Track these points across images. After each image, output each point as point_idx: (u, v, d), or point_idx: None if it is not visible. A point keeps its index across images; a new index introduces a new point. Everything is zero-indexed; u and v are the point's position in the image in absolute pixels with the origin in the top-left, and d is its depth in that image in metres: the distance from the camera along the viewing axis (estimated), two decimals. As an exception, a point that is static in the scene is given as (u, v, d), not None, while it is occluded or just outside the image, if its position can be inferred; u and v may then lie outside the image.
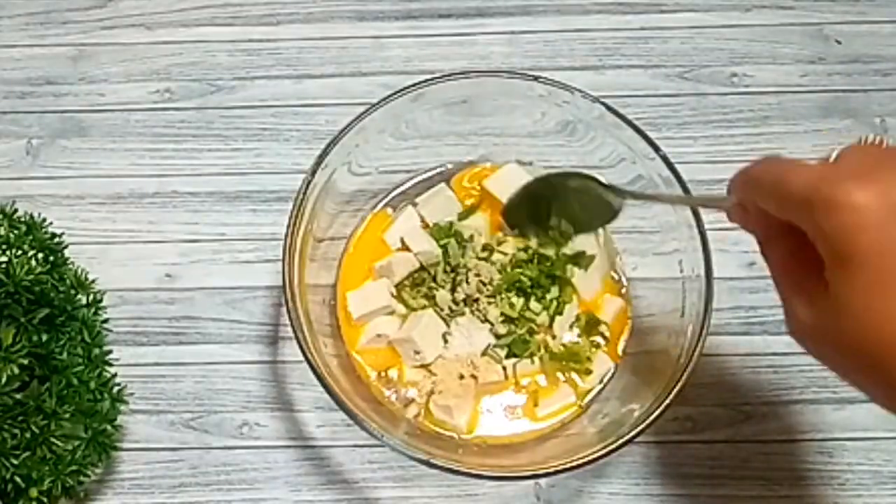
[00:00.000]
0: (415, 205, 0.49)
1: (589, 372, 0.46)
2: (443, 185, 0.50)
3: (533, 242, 0.48)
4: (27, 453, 0.40)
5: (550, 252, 0.47)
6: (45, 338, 0.41)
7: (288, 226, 0.43)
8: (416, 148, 0.49)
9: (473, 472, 0.39)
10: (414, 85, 0.46)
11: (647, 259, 0.47)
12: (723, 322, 0.50)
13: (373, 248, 0.49)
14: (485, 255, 0.48)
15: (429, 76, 0.46)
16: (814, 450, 0.47)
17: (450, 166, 0.51)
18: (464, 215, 0.49)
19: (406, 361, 0.46)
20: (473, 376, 0.45)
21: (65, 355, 0.42)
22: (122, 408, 0.44)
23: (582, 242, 0.48)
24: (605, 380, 0.46)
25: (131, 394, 0.46)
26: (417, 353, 0.45)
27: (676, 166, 0.43)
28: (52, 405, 0.40)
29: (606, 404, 0.45)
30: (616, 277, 0.49)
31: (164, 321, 0.50)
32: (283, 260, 0.42)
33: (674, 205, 0.44)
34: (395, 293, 0.47)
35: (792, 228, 0.31)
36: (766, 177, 0.32)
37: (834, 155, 0.30)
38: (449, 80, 0.46)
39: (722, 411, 0.48)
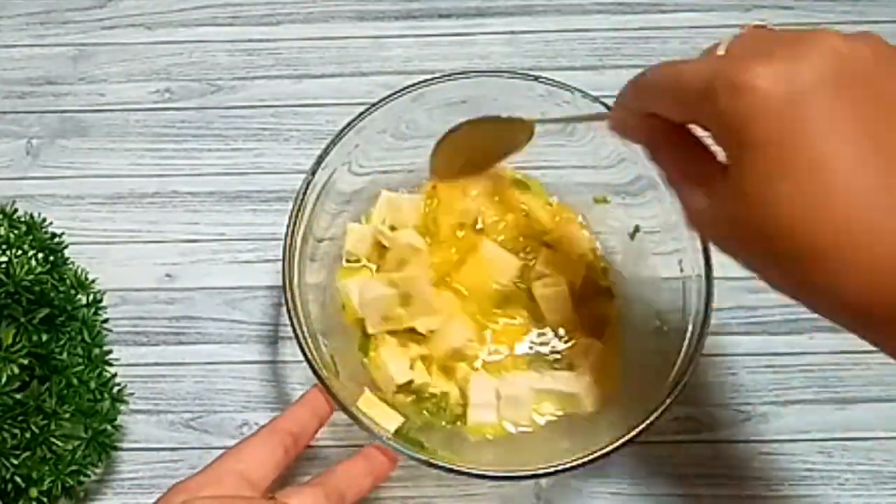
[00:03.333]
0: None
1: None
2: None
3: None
4: (27, 453, 0.40)
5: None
6: (45, 338, 0.41)
7: (288, 226, 0.43)
8: (416, 148, 0.48)
9: (473, 472, 0.39)
10: (414, 85, 0.46)
11: (648, 259, 0.47)
12: (723, 322, 0.50)
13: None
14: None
15: (429, 76, 0.46)
16: (814, 450, 0.47)
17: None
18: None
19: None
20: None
21: (65, 355, 0.42)
22: (122, 408, 0.44)
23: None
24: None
25: (131, 394, 0.46)
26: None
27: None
28: (52, 405, 0.40)
29: (606, 405, 0.45)
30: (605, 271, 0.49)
31: (164, 321, 0.50)
32: (283, 260, 0.42)
33: (567, 123, 0.46)
34: None
35: (682, 129, 0.32)
36: (662, 78, 0.32)
37: (723, 46, 0.30)
38: (449, 80, 0.46)
39: (722, 411, 0.48)
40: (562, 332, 0.47)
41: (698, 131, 0.33)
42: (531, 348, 0.46)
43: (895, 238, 0.26)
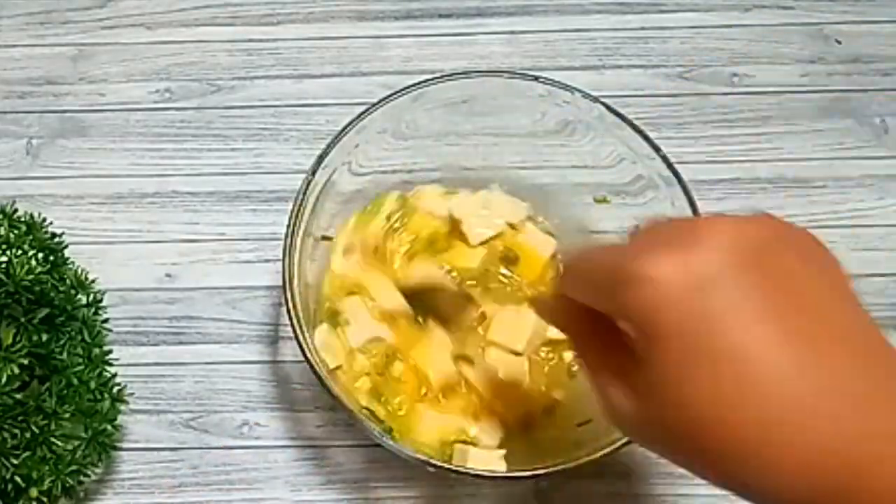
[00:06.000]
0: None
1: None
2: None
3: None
4: (27, 453, 0.40)
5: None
6: (45, 338, 0.41)
7: (288, 226, 0.43)
8: (416, 148, 0.48)
9: (473, 472, 0.39)
10: (414, 85, 0.46)
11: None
12: (723, 322, 0.50)
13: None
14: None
15: (429, 76, 0.46)
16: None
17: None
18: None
19: None
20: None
21: (65, 355, 0.42)
22: (122, 408, 0.44)
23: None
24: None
25: (131, 394, 0.46)
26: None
27: (676, 166, 0.43)
28: (52, 405, 0.40)
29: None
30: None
31: (164, 321, 0.50)
32: (283, 260, 0.42)
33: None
34: None
35: (602, 319, 0.30)
36: (578, 266, 0.31)
37: (634, 231, 0.30)
38: (449, 80, 0.46)
39: (722, 411, 0.48)
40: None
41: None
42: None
43: (820, 428, 0.24)
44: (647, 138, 0.44)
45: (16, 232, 0.43)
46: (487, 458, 0.42)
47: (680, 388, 0.26)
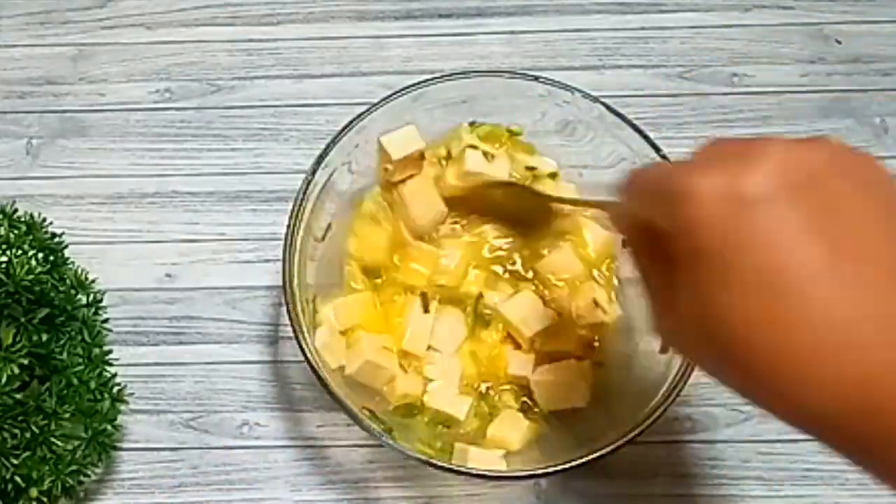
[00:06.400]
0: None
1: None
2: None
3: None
4: (27, 453, 0.40)
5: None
6: (45, 338, 0.41)
7: (288, 226, 0.43)
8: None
9: (473, 472, 0.39)
10: (414, 85, 0.46)
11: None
12: (723, 322, 0.50)
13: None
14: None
15: (429, 76, 0.46)
16: (813, 450, 0.47)
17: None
18: None
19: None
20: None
21: (65, 355, 0.42)
22: (122, 408, 0.44)
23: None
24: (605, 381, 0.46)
25: (131, 394, 0.46)
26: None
27: (676, 166, 0.43)
28: (52, 405, 0.40)
29: (606, 405, 0.45)
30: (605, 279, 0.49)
31: (164, 321, 0.50)
32: (283, 260, 0.42)
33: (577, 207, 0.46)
34: None
35: (654, 232, 0.31)
36: (638, 177, 0.32)
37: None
38: (449, 80, 0.46)
39: (722, 411, 0.48)
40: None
41: None
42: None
43: (859, 350, 0.25)
44: (647, 138, 0.44)
45: (16, 232, 0.43)
46: (487, 458, 0.42)
47: (717, 299, 0.27)
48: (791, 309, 0.25)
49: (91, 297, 0.45)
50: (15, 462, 0.40)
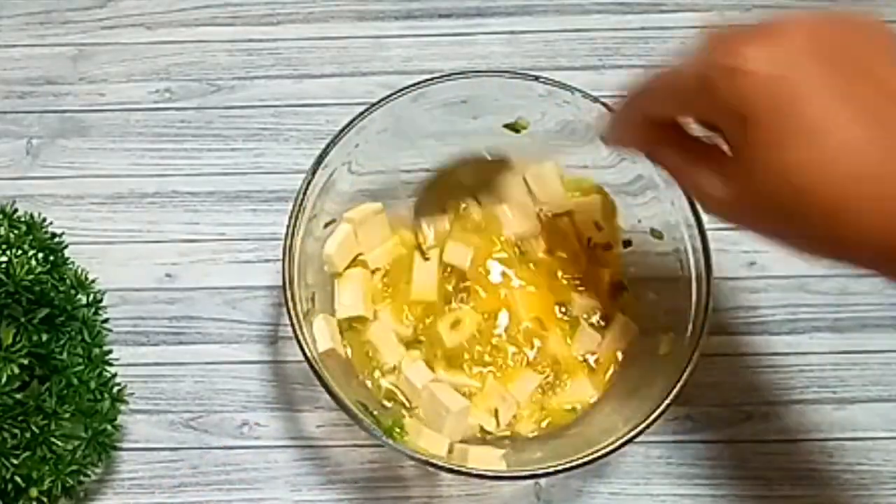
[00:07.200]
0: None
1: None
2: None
3: None
4: (27, 453, 0.40)
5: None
6: (45, 338, 0.41)
7: (288, 226, 0.43)
8: (416, 148, 0.48)
9: (473, 471, 0.39)
10: (414, 85, 0.46)
11: (648, 259, 0.47)
12: (723, 322, 0.50)
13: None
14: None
15: (429, 76, 0.46)
16: (814, 450, 0.47)
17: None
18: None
19: None
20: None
21: (65, 355, 0.42)
22: (122, 408, 0.44)
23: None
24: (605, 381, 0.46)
25: (131, 394, 0.46)
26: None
27: (676, 166, 0.43)
28: (52, 405, 0.41)
29: (606, 404, 0.45)
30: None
31: (164, 321, 0.50)
32: (283, 260, 0.42)
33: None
34: None
35: (679, 128, 0.35)
36: (661, 79, 0.35)
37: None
38: (449, 80, 0.46)
39: (722, 411, 0.48)
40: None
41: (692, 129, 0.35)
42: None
43: (889, 187, 0.29)
44: (646, 138, 0.44)
45: (16, 232, 0.43)
46: (487, 458, 0.42)
47: (775, 160, 0.30)
48: (834, 153, 0.29)
49: (91, 297, 0.45)
50: (15, 462, 0.40)
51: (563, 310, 0.47)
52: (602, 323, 0.47)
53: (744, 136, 0.31)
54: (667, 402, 0.39)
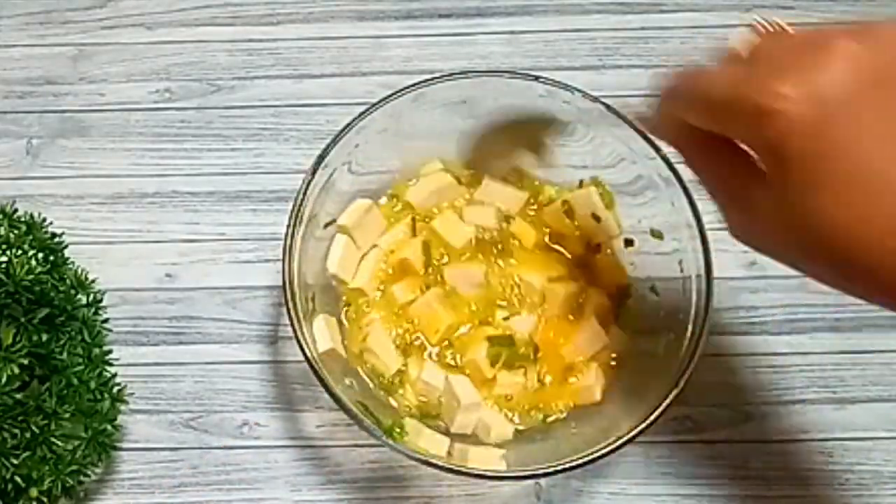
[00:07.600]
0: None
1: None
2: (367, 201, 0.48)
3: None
4: (27, 453, 0.40)
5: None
6: (45, 338, 0.41)
7: (288, 226, 0.43)
8: (416, 148, 0.48)
9: (473, 472, 0.39)
10: (414, 85, 0.46)
11: (647, 259, 0.47)
12: (723, 322, 0.50)
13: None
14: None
15: (429, 76, 0.46)
16: (814, 450, 0.47)
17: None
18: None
19: None
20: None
21: (65, 355, 0.42)
22: (122, 408, 0.44)
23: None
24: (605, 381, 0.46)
25: (131, 394, 0.46)
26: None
27: (676, 166, 0.43)
28: (52, 405, 0.40)
29: (606, 404, 0.45)
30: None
31: (164, 321, 0.50)
32: (283, 260, 0.42)
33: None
34: None
35: (716, 136, 0.32)
36: (694, 91, 0.32)
37: (739, 47, 0.31)
38: (449, 80, 0.46)
39: (722, 411, 0.48)
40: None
41: None
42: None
43: None
44: (646, 138, 0.44)
45: (16, 232, 0.43)
46: (487, 458, 0.42)
47: (808, 201, 0.28)
48: (877, 200, 0.27)
49: (91, 297, 0.45)
50: (15, 462, 0.40)
51: (566, 309, 0.47)
52: (603, 323, 0.46)
53: (777, 170, 0.29)
54: (667, 402, 0.39)
